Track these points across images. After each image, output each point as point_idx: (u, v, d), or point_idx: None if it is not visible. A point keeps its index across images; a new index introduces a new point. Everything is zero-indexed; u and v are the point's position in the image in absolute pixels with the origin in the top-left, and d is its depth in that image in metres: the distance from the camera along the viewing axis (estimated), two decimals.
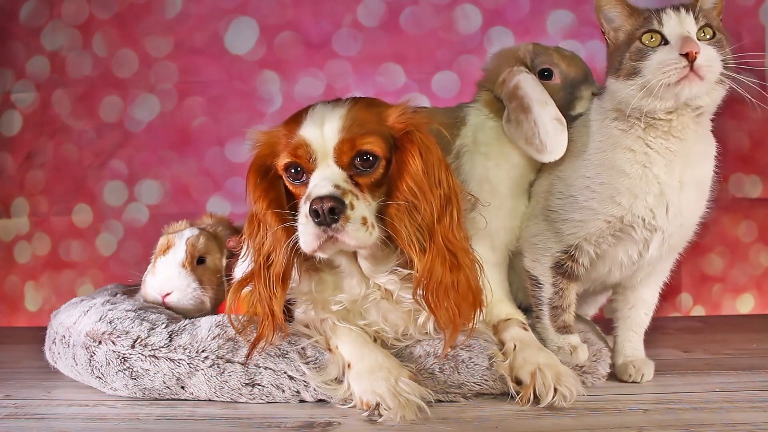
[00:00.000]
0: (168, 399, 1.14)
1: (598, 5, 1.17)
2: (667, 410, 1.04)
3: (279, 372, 1.11)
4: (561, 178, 1.21)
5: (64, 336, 1.24)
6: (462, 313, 1.05)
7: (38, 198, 2.02)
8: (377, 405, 1.01)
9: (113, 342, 1.16)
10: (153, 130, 1.99)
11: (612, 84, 1.14)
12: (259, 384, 1.11)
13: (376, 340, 1.14)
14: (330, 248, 1.01)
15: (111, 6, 1.99)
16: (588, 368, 1.18)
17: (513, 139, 1.25)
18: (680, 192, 1.13)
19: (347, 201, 0.98)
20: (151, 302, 1.35)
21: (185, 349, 1.13)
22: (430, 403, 1.03)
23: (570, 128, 1.22)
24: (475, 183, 1.25)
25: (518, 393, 1.07)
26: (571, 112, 1.26)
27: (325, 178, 1.00)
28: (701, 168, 1.15)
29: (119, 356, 1.15)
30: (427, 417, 1.01)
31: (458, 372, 1.10)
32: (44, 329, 1.34)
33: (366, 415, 1.01)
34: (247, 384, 1.11)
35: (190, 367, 1.12)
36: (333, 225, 0.97)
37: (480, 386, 1.10)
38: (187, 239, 1.40)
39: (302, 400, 1.11)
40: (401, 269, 1.08)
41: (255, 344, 1.08)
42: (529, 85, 1.24)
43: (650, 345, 1.29)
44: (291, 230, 1.03)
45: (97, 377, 1.17)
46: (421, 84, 1.95)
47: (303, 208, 1.00)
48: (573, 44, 1.85)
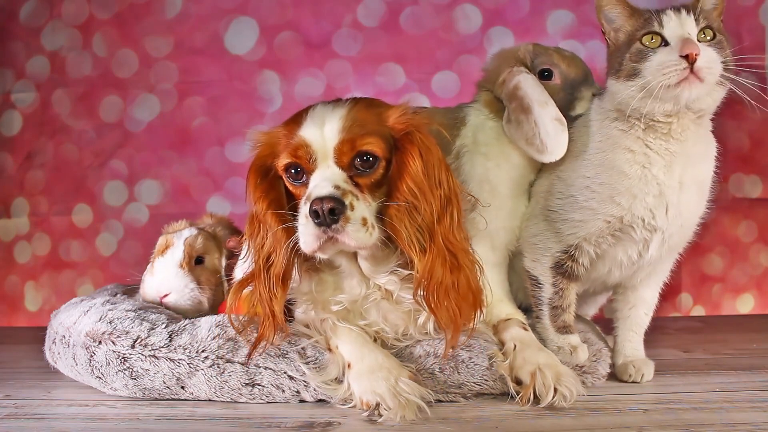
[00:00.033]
0: (168, 399, 1.14)
1: (599, 5, 1.16)
2: (667, 410, 1.04)
3: (279, 372, 1.11)
4: (561, 178, 1.21)
5: (64, 336, 1.24)
6: (462, 314, 1.05)
7: (38, 198, 2.02)
8: (377, 405, 1.01)
9: (113, 342, 1.16)
10: (153, 130, 1.99)
11: (612, 85, 1.14)
12: (259, 384, 1.11)
13: (376, 340, 1.14)
14: (330, 249, 1.01)
15: (111, 6, 1.98)
16: (588, 368, 1.18)
17: (513, 140, 1.25)
18: (680, 193, 1.13)
19: (347, 202, 0.98)
20: (150, 302, 1.35)
21: (185, 349, 1.13)
22: (430, 403, 1.03)
23: (570, 128, 1.22)
24: (475, 183, 1.25)
25: (518, 393, 1.07)
26: (571, 113, 1.26)
27: (325, 179, 1.00)
28: (701, 168, 1.15)
29: (119, 356, 1.15)
30: (427, 417, 1.01)
31: (458, 372, 1.10)
32: (44, 329, 1.34)
33: (366, 415, 1.01)
34: (247, 384, 1.11)
35: (190, 367, 1.12)
36: (333, 226, 0.97)
37: (480, 386, 1.10)
38: (185, 239, 1.40)
39: (302, 400, 1.11)
40: (401, 270, 1.08)
41: (256, 345, 1.08)
42: (530, 86, 1.24)
43: (650, 345, 1.29)
44: (291, 231, 1.03)
45: (97, 377, 1.17)
46: (421, 84, 1.95)
47: (303, 209, 1.00)
48: (573, 44, 1.85)
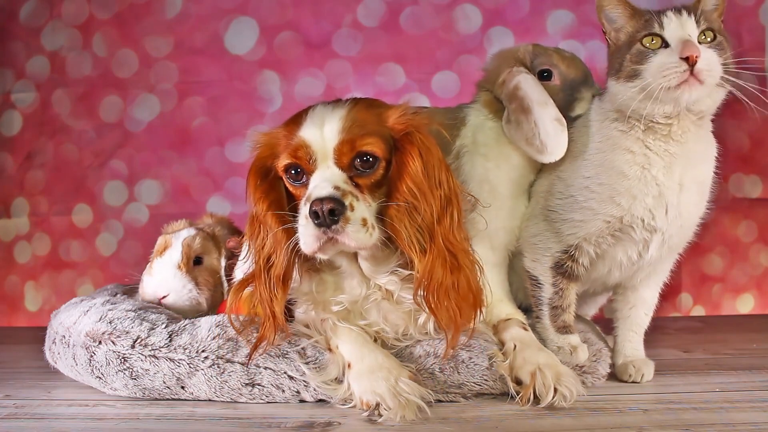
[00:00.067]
0: (168, 399, 1.14)
1: (600, 5, 1.16)
2: (667, 410, 1.04)
3: (279, 372, 1.11)
4: (561, 178, 1.21)
5: (64, 336, 1.24)
6: (463, 314, 1.05)
7: (38, 198, 2.02)
8: (377, 405, 1.01)
9: (113, 342, 1.16)
10: (153, 130, 1.99)
11: (612, 85, 1.14)
12: (259, 384, 1.11)
13: (377, 340, 1.14)
14: (330, 249, 1.01)
15: (111, 6, 1.98)
16: (588, 368, 1.18)
17: (513, 140, 1.25)
18: (680, 194, 1.12)
19: (347, 202, 0.98)
20: (149, 302, 1.35)
21: (185, 349, 1.13)
22: (430, 403, 1.03)
23: (570, 128, 1.22)
24: (475, 183, 1.25)
25: (518, 393, 1.07)
26: (571, 114, 1.26)
27: (325, 180, 1.00)
28: (701, 169, 1.15)
29: (119, 356, 1.15)
30: (427, 417, 1.01)
31: (458, 372, 1.10)
32: (44, 329, 1.34)
33: (366, 415, 1.01)
34: (247, 384, 1.11)
35: (190, 367, 1.12)
36: (333, 226, 0.97)
37: (480, 386, 1.10)
38: (184, 240, 1.40)
39: (302, 400, 1.11)
40: (402, 270, 1.08)
41: (256, 345, 1.08)
42: (529, 86, 1.24)
43: (650, 345, 1.29)
44: (291, 231, 1.03)
45: (97, 377, 1.17)
46: (421, 84, 1.95)
47: (303, 210, 1.00)
48: (573, 44, 1.85)
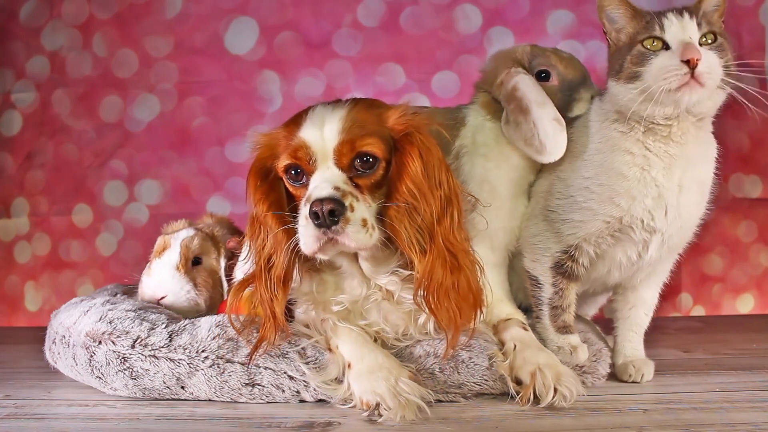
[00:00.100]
0: (168, 399, 1.14)
1: (601, 5, 1.15)
2: (667, 410, 1.04)
3: (279, 372, 1.11)
4: (561, 179, 1.21)
5: (64, 336, 1.24)
6: (463, 314, 1.05)
7: (38, 198, 2.02)
8: (377, 405, 1.01)
9: (113, 342, 1.16)
10: (153, 130, 1.99)
11: (613, 87, 1.14)
12: (259, 384, 1.11)
13: (377, 340, 1.14)
14: (330, 250, 1.01)
15: (111, 6, 1.98)
16: (588, 368, 1.18)
17: (512, 141, 1.25)
18: (679, 195, 1.12)
19: (347, 203, 0.98)
20: (148, 302, 1.35)
21: (185, 349, 1.13)
22: (430, 403, 1.03)
23: (570, 129, 1.22)
24: (475, 184, 1.25)
25: (518, 393, 1.07)
26: (569, 114, 1.26)
27: (325, 180, 1.00)
28: (701, 170, 1.15)
29: (119, 356, 1.15)
30: (427, 417, 1.01)
31: (458, 372, 1.10)
32: (44, 329, 1.34)
33: (366, 415, 1.01)
34: (247, 384, 1.11)
35: (190, 367, 1.12)
36: (333, 227, 0.97)
37: (480, 386, 1.10)
38: (182, 241, 1.40)
39: (302, 400, 1.11)
40: (402, 270, 1.08)
41: (257, 346, 1.08)
42: (527, 87, 1.24)
43: (650, 345, 1.29)
44: (291, 232, 1.03)
45: (97, 377, 1.17)
46: (421, 84, 1.95)
47: (303, 210, 1.00)
48: (573, 44, 1.85)
